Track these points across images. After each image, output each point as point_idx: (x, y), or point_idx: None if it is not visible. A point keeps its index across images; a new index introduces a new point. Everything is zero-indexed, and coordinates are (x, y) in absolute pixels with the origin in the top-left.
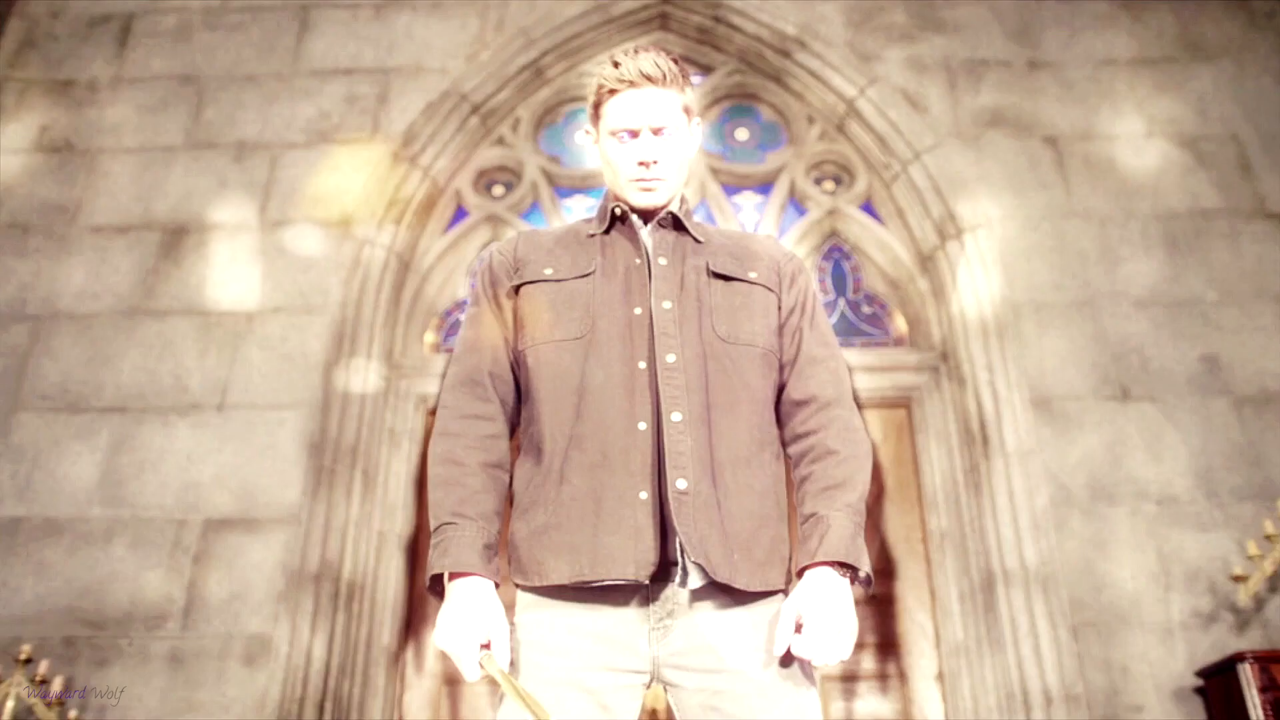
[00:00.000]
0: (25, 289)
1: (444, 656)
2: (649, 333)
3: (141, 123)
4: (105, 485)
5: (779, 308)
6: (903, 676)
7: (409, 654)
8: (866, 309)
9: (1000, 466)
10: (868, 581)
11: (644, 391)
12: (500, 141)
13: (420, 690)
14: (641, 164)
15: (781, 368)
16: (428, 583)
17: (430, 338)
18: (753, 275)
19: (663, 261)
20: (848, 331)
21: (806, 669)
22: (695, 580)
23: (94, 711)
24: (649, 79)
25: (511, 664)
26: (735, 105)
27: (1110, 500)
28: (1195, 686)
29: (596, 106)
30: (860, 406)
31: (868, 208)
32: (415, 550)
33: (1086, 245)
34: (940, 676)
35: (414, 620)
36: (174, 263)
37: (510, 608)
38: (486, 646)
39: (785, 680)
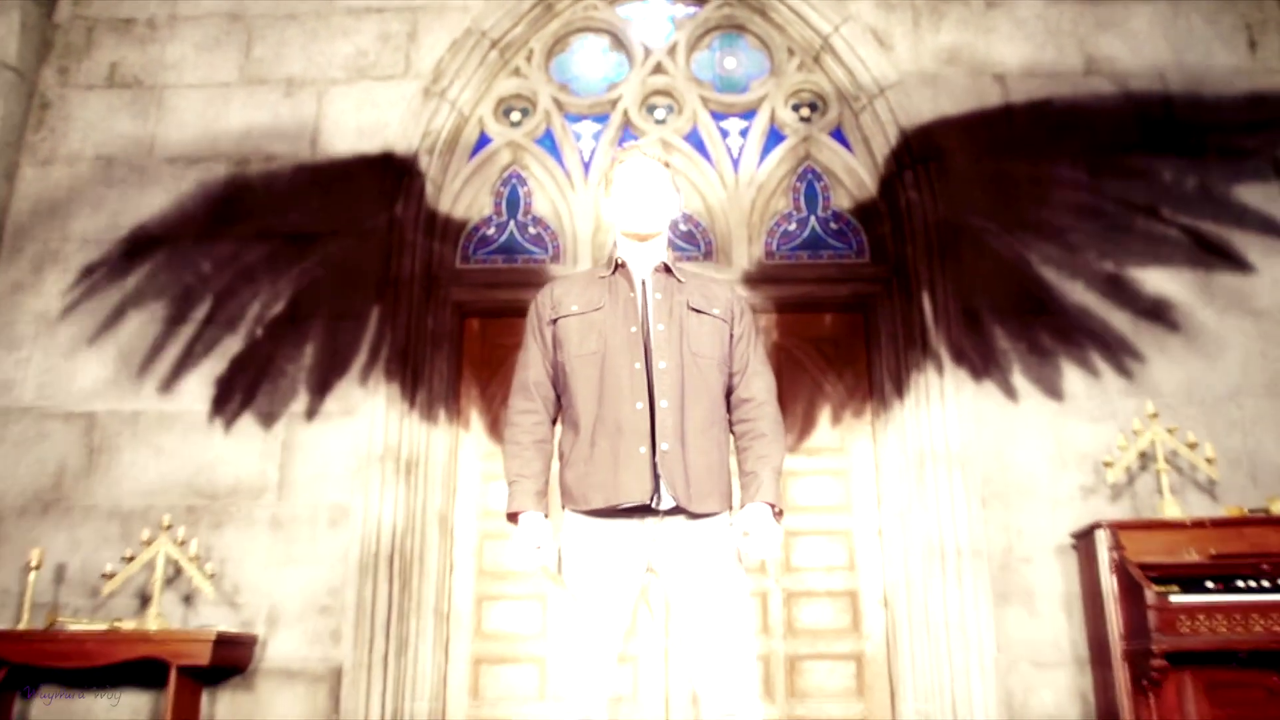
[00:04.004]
0: (117, 215)
1: (481, 517)
2: (643, 344)
3: (199, 60)
4: (204, 383)
5: (730, 335)
6: (850, 532)
7: (455, 515)
8: (834, 225)
9: (933, 367)
10: (780, 514)
11: (640, 384)
12: (516, 72)
13: (465, 543)
14: (639, 194)
15: (731, 374)
16: (506, 517)
17: (461, 251)
18: (715, 311)
19: (658, 296)
20: (817, 245)
21: (738, 567)
22: (666, 504)
23: (215, 562)
24: (645, 154)
25: (559, 559)
26: (724, 35)
27: (1021, 396)
28: (1071, 545)
29: (609, 179)
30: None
31: (838, 134)
32: (456, 433)
33: (1021, 176)
34: (880, 533)
35: (458, 488)
36: (242, 190)
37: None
38: (539, 548)
39: (726, 573)
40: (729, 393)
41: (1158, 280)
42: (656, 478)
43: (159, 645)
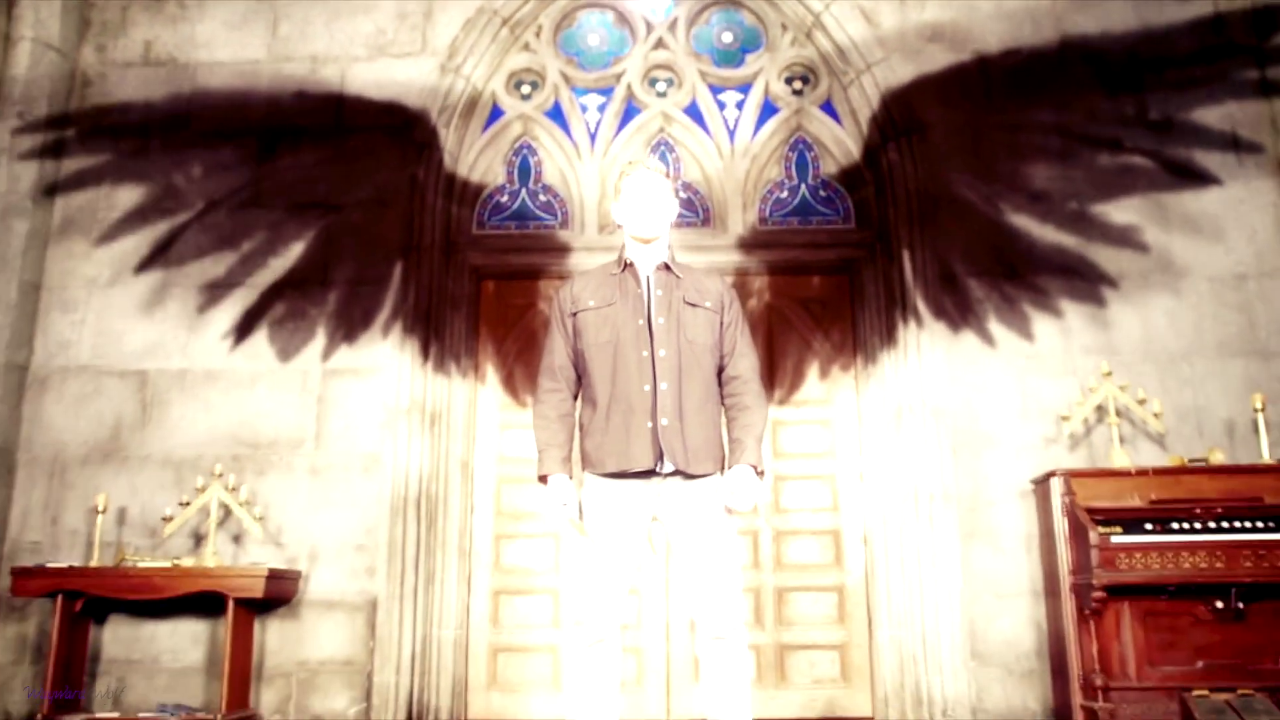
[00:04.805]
0: (158, 187)
1: (498, 463)
2: (649, 335)
3: (229, 38)
4: (243, 344)
5: (720, 323)
6: (834, 477)
7: (475, 462)
8: (823, 193)
9: (913, 325)
10: (761, 474)
11: (646, 369)
12: (526, 47)
13: (485, 487)
14: (644, 204)
15: (722, 355)
16: (537, 479)
17: (476, 218)
18: (708, 304)
19: (659, 293)
20: (807, 212)
21: (727, 516)
22: (668, 468)
23: (260, 506)
24: (648, 169)
25: (580, 509)
26: (722, 10)
27: (992, 353)
28: (1032, 489)
29: (618, 189)
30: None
31: (828, 107)
32: (475, 386)
33: (998, 148)
34: (861, 477)
35: (477, 437)
36: (272, 164)
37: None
38: (565, 504)
39: (716, 521)
40: (720, 370)
41: (1121, 214)
42: (659, 447)
43: (218, 580)
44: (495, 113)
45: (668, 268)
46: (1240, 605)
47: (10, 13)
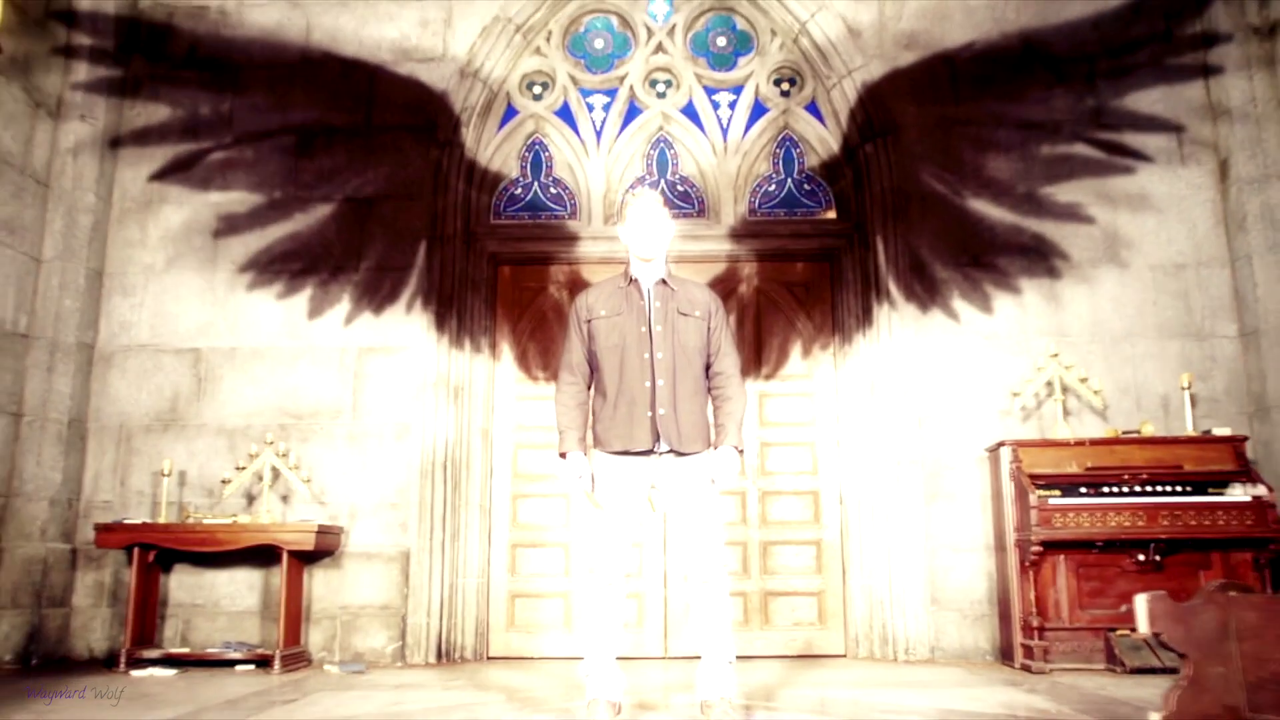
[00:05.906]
0: (205, 182)
1: (515, 430)
2: (649, 340)
3: (266, 44)
4: (287, 324)
5: (708, 329)
6: (814, 444)
7: (494, 429)
8: (807, 187)
9: (886, 309)
10: (742, 453)
11: (646, 369)
12: (537, 51)
13: (503, 452)
14: (646, 229)
15: (709, 355)
16: (559, 455)
17: (493, 208)
18: (697, 314)
19: (658, 305)
20: (792, 204)
21: (713, 488)
22: (664, 448)
23: (306, 470)
24: (649, 199)
25: (593, 481)
26: (716, 15)
27: (957, 333)
28: (986, 457)
29: (623, 215)
30: (797, 258)
31: (812, 108)
32: (493, 362)
33: (964, 146)
34: (838, 444)
35: (496, 407)
36: (309, 160)
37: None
38: (580, 477)
39: (704, 490)
40: (708, 367)
41: (1071, 199)
42: (657, 432)
43: (274, 534)
44: (510, 112)
45: (664, 282)
46: (1158, 558)
47: (71, 30)
